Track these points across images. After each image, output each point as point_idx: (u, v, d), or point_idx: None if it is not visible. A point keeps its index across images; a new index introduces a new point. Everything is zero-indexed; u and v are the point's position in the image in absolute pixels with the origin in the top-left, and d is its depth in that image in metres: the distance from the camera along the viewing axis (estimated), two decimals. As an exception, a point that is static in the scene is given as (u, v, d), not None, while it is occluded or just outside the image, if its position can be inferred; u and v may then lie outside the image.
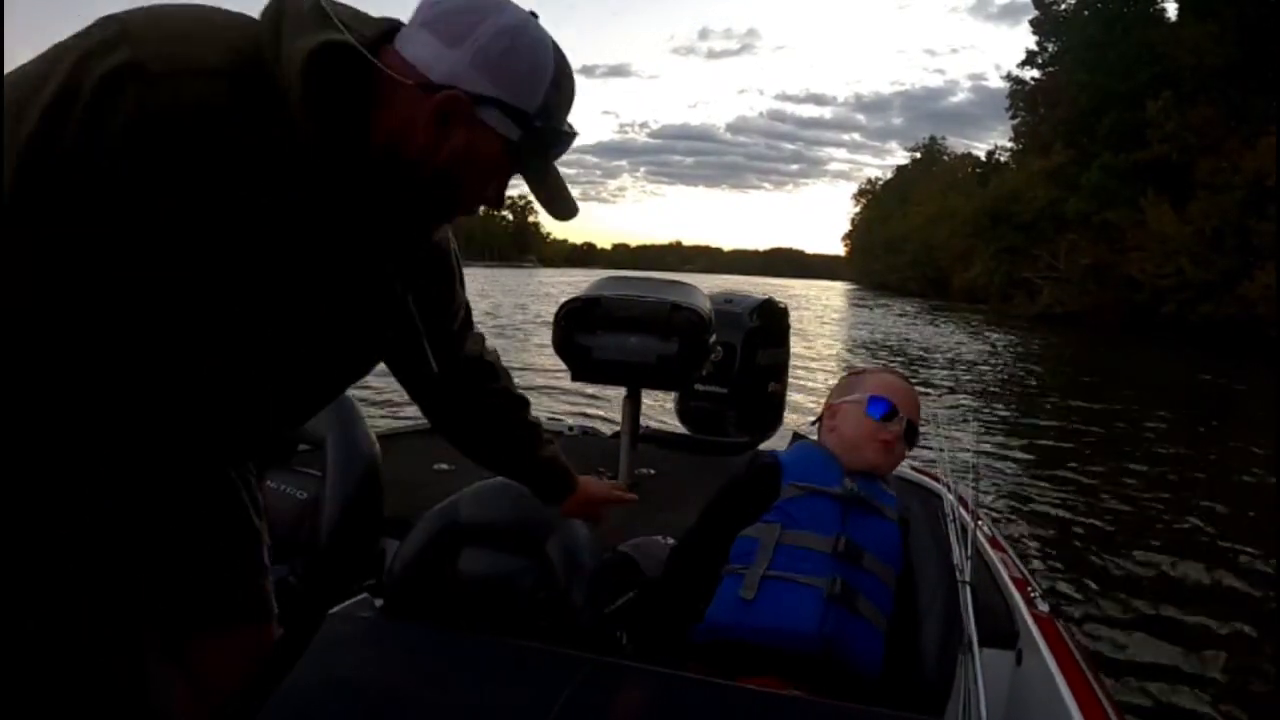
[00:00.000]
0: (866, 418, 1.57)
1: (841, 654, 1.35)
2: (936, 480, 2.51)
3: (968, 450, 4.94)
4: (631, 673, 1.03)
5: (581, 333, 2.49)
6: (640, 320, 2.46)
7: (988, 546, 2.08)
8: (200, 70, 0.79)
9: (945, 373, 14.74)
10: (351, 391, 1.34)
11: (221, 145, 0.80)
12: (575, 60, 1.04)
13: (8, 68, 0.81)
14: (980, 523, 1.96)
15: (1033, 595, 1.89)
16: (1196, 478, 7.21)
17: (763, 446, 2.92)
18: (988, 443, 7.98)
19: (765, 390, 2.99)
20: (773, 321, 3.08)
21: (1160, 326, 26.40)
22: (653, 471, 2.81)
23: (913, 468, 2.75)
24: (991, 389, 13.18)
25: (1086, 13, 36.80)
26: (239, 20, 0.86)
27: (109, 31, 0.78)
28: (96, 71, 0.76)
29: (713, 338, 2.56)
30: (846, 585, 1.38)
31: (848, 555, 1.41)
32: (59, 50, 0.79)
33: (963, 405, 10.98)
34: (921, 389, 12.23)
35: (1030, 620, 1.75)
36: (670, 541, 1.84)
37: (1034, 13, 41.36)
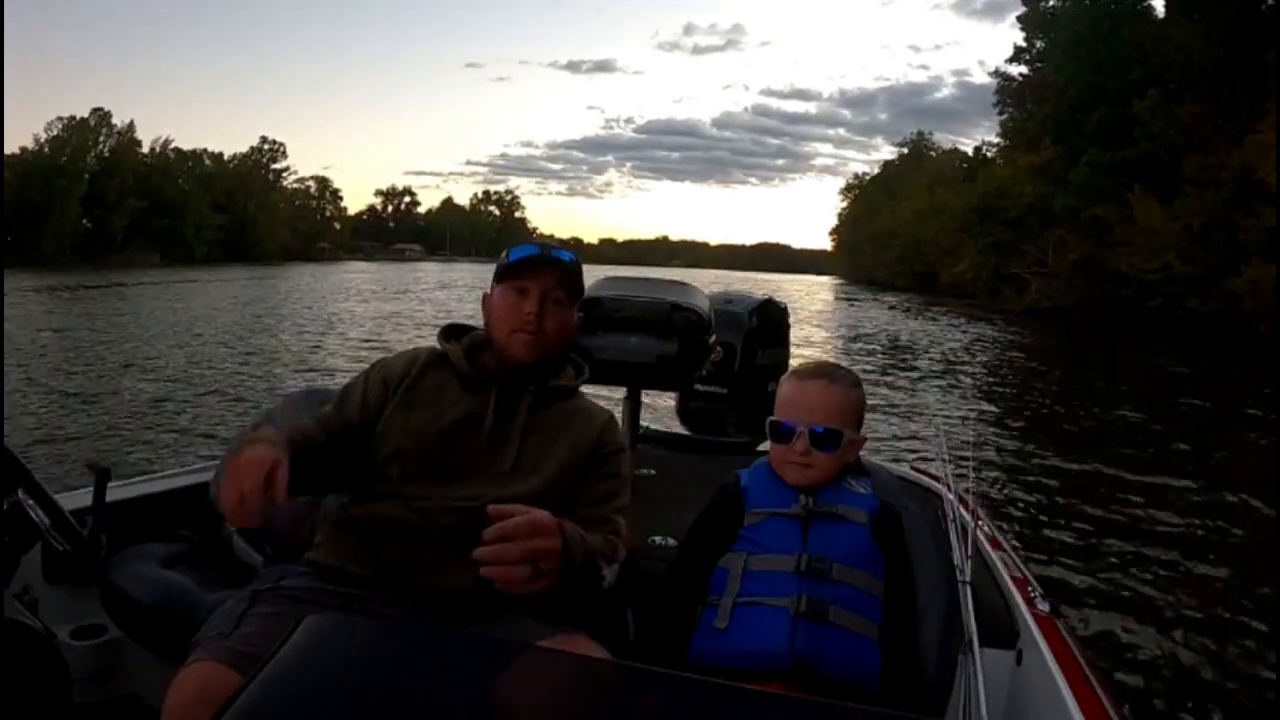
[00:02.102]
0: (774, 443, 1.55)
1: (817, 667, 1.37)
2: (936, 480, 2.51)
3: (967, 449, 4.95)
4: (631, 672, 1.03)
5: (581, 332, 2.47)
6: (640, 320, 2.45)
7: (987, 546, 2.07)
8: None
9: (942, 370, 14.75)
10: None
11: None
12: (562, 56, 1.00)
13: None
14: (980, 522, 1.96)
15: (1033, 595, 1.89)
16: (1196, 472, 7.24)
17: (762, 448, 2.93)
18: (987, 441, 7.99)
19: (765, 390, 2.98)
20: (773, 321, 3.08)
21: (1148, 321, 26.56)
22: (653, 472, 2.80)
23: (912, 467, 2.76)
24: (988, 386, 13.22)
25: (1074, 9, 36.87)
26: None
27: None
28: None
29: (713, 338, 2.56)
30: (814, 600, 1.40)
31: (812, 571, 1.42)
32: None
33: (961, 404, 11.01)
34: (919, 387, 12.23)
35: (1030, 619, 1.75)
36: (670, 542, 1.84)
37: (1017, 9, 41.47)
